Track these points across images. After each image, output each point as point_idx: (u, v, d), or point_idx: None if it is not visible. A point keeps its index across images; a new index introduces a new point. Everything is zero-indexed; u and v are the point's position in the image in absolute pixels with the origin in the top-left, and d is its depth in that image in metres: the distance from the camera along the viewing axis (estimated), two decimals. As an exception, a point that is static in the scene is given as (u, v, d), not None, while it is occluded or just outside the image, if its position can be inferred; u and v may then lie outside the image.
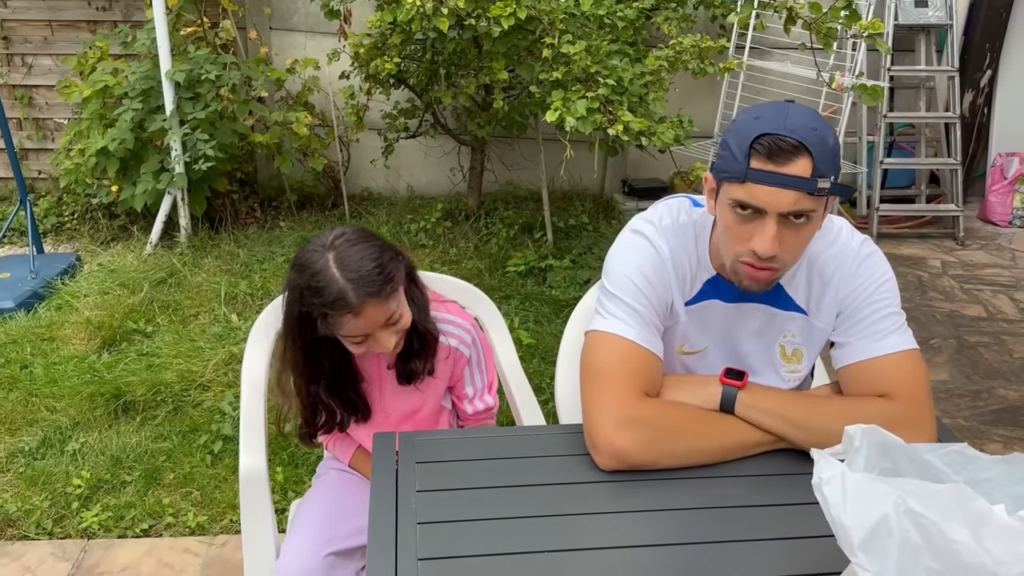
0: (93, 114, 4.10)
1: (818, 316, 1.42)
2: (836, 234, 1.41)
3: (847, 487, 0.96)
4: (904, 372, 1.35)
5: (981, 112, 5.05)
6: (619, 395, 1.31)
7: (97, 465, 2.61)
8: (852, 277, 1.39)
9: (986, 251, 4.57)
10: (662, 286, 1.40)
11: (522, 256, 4.05)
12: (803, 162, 1.19)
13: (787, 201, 1.21)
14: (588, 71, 3.20)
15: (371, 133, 4.44)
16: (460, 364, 1.64)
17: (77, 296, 3.60)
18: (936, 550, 0.89)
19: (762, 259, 1.26)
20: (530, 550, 1.13)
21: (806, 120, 1.21)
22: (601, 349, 1.37)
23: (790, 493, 1.25)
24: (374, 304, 1.38)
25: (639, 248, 1.42)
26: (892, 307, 1.39)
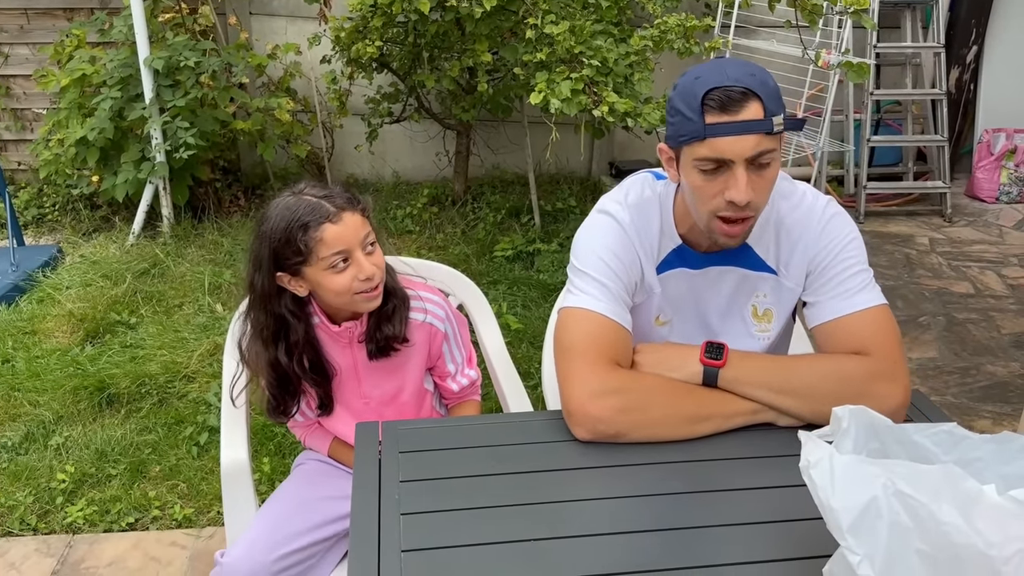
0: (72, 103, 4.04)
1: (787, 276, 1.45)
2: (800, 196, 1.45)
3: (835, 469, 0.94)
4: (877, 328, 1.37)
5: (967, 88, 5.03)
6: (591, 365, 1.33)
7: (81, 459, 2.58)
8: (819, 237, 1.42)
9: (973, 227, 4.56)
10: (630, 262, 1.43)
11: (509, 240, 4.02)
12: (754, 106, 1.24)
13: (749, 145, 1.25)
14: (572, 52, 3.16)
15: (355, 119, 4.39)
16: (437, 340, 1.63)
17: (59, 288, 3.56)
18: (926, 532, 0.87)
19: (739, 207, 1.28)
20: (516, 539, 1.11)
21: (743, 69, 1.27)
22: (572, 324, 1.39)
23: (778, 475, 1.23)
24: (351, 213, 1.44)
25: (605, 227, 1.44)
26: (860, 265, 1.41)
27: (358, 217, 1.46)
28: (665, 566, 1.07)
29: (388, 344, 1.56)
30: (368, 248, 1.46)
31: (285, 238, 1.41)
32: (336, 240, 1.41)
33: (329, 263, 1.42)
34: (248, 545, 1.48)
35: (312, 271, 1.44)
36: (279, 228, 1.42)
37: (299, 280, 1.47)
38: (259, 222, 1.47)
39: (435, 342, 1.63)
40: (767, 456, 1.29)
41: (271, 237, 1.43)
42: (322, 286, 1.45)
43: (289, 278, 1.47)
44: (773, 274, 1.46)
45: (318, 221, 1.40)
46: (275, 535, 1.48)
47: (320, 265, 1.43)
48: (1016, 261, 4.11)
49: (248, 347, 1.55)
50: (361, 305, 1.50)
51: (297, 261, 1.43)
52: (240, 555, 1.46)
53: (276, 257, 1.44)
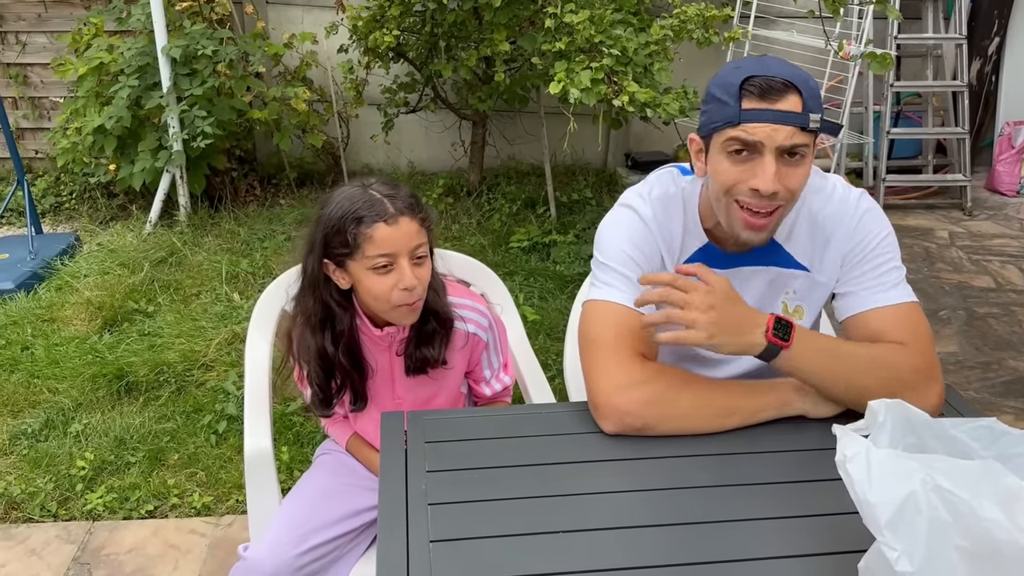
0: (89, 92, 4.04)
1: (820, 271, 1.44)
2: (832, 190, 1.43)
3: (872, 464, 0.93)
4: (912, 323, 1.35)
5: (989, 80, 4.98)
6: (616, 357, 1.32)
7: (101, 446, 2.59)
8: (854, 231, 1.40)
9: (994, 221, 4.52)
10: (652, 255, 1.42)
11: (525, 232, 4.01)
12: (793, 98, 1.24)
13: (783, 135, 1.24)
14: (592, 41, 3.14)
15: (371, 108, 4.38)
16: (478, 350, 1.62)
17: (77, 276, 3.57)
18: (966, 528, 0.86)
19: (764, 197, 1.26)
20: (542, 530, 1.10)
21: (788, 66, 1.27)
22: (596, 317, 1.38)
23: (810, 469, 1.22)
24: (409, 220, 1.41)
25: (628, 221, 1.44)
26: (895, 261, 1.40)
27: (415, 225, 1.42)
28: (694, 559, 1.06)
29: (425, 364, 1.55)
30: (417, 259, 1.43)
31: (338, 227, 1.40)
32: (385, 241, 1.39)
33: (373, 263, 1.40)
34: (272, 542, 1.47)
35: (355, 266, 1.42)
36: (335, 216, 1.41)
37: (342, 272, 1.45)
38: (320, 205, 1.46)
39: (476, 351, 1.62)
40: (798, 450, 1.28)
41: (326, 222, 1.42)
42: (362, 284, 1.44)
43: (334, 267, 1.45)
44: (805, 271, 1.44)
45: (373, 218, 1.38)
46: (298, 530, 1.47)
47: (364, 263, 1.41)
48: (1037, 255, 4.07)
49: (296, 334, 1.53)
50: (397, 317, 1.47)
51: (343, 252, 1.42)
52: (264, 553, 1.45)
53: (326, 243, 1.43)
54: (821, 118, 1.25)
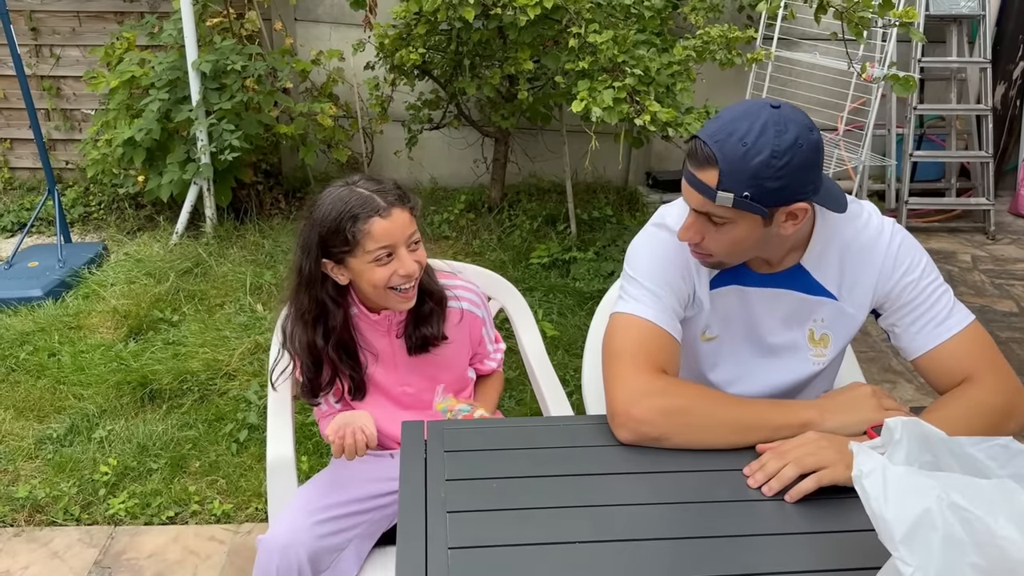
0: (120, 104, 4.13)
1: (850, 302, 1.44)
2: (867, 219, 1.43)
3: (888, 480, 0.94)
4: (980, 347, 1.39)
5: (1013, 104, 4.96)
6: (637, 369, 1.34)
7: (124, 452, 2.63)
8: (894, 266, 1.40)
9: (1017, 246, 4.49)
10: (683, 275, 1.43)
11: (545, 248, 4.03)
12: (710, 173, 1.27)
13: (696, 201, 1.31)
14: (615, 61, 3.17)
15: (395, 124, 4.43)
16: (477, 327, 1.68)
17: (104, 285, 3.63)
18: (981, 546, 0.87)
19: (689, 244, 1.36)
20: (559, 540, 1.12)
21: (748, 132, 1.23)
22: (620, 330, 1.40)
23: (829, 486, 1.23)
24: (400, 210, 1.48)
25: (660, 240, 1.46)
26: (942, 286, 1.41)
27: (407, 214, 1.50)
28: (709, 573, 1.07)
29: (426, 343, 1.61)
30: (412, 246, 1.51)
31: (335, 227, 1.46)
32: (384, 235, 1.46)
33: (374, 256, 1.46)
34: (287, 517, 1.53)
35: (356, 262, 1.48)
36: (330, 217, 1.46)
37: (342, 269, 1.52)
38: (311, 208, 1.52)
39: (475, 328, 1.68)
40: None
41: (321, 224, 1.47)
42: (363, 277, 1.50)
43: (333, 266, 1.51)
44: (833, 299, 1.44)
45: (368, 214, 1.45)
46: (315, 503, 1.53)
47: (365, 257, 1.47)
48: (1061, 280, 4.04)
49: (290, 329, 1.60)
50: (394, 303, 1.54)
51: (343, 251, 1.48)
52: (280, 527, 1.51)
53: (324, 244, 1.48)
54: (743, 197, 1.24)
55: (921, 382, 3.13)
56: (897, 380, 3.15)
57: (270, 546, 1.48)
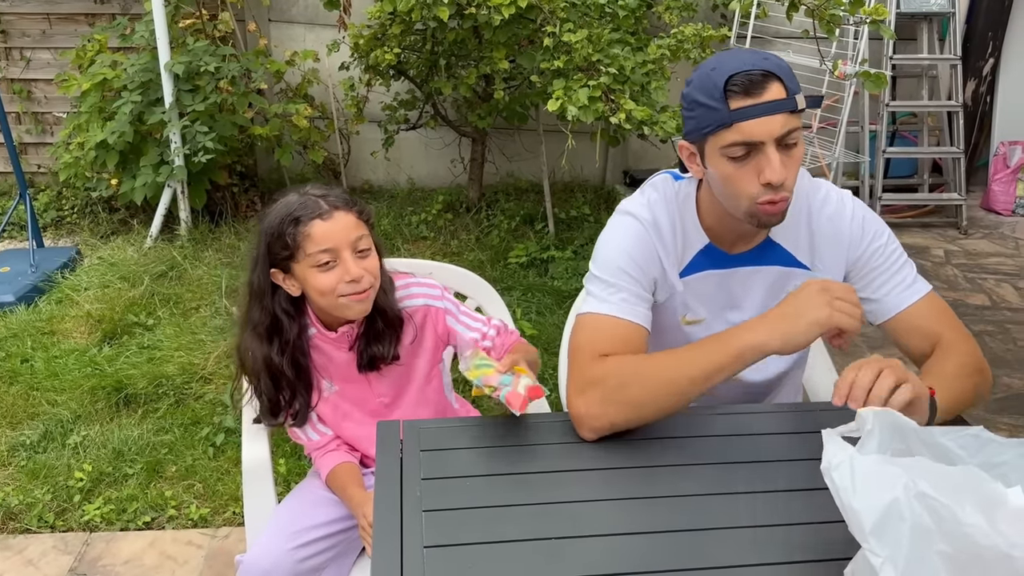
0: (92, 107, 4.08)
1: (823, 270, 1.47)
2: (827, 193, 1.47)
3: (856, 471, 0.94)
4: (942, 310, 1.44)
5: (984, 100, 5.02)
6: (578, 365, 1.35)
7: (99, 458, 2.60)
8: (860, 235, 1.45)
9: (989, 240, 4.55)
10: (648, 260, 1.43)
11: (524, 247, 4.03)
12: (776, 86, 1.25)
13: (778, 125, 1.26)
14: (590, 60, 3.18)
15: (371, 125, 4.42)
16: (440, 319, 1.60)
17: (77, 290, 3.59)
18: (948, 533, 0.87)
19: (777, 188, 1.29)
20: (535, 537, 1.12)
21: (756, 54, 1.28)
22: (576, 331, 1.41)
23: (798, 478, 1.24)
24: (344, 213, 1.44)
25: (623, 228, 1.46)
26: (904, 255, 1.47)
27: (351, 217, 1.45)
28: (682, 566, 1.07)
29: (375, 361, 1.56)
30: (360, 251, 1.46)
31: (278, 231, 1.43)
32: (324, 237, 1.42)
33: (316, 260, 1.42)
34: (266, 540, 1.50)
35: (300, 268, 1.44)
36: (274, 223, 1.44)
37: (290, 278, 1.48)
38: (260, 218, 1.49)
39: (439, 322, 1.60)
40: (786, 460, 1.29)
41: (267, 232, 1.45)
42: (309, 284, 1.45)
43: (283, 276, 1.48)
44: (806, 269, 1.47)
45: (308, 216, 1.42)
46: (293, 526, 1.50)
47: (307, 262, 1.43)
48: (1032, 274, 4.09)
49: (244, 345, 1.55)
50: (348, 311, 1.48)
51: (286, 256, 1.44)
52: (260, 550, 1.48)
53: (270, 252, 1.45)
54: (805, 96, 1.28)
55: (896, 376, 3.16)
56: (872, 374, 3.18)
57: (250, 569, 1.46)
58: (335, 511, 1.57)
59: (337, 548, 1.55)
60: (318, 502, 1.59)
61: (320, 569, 1.54)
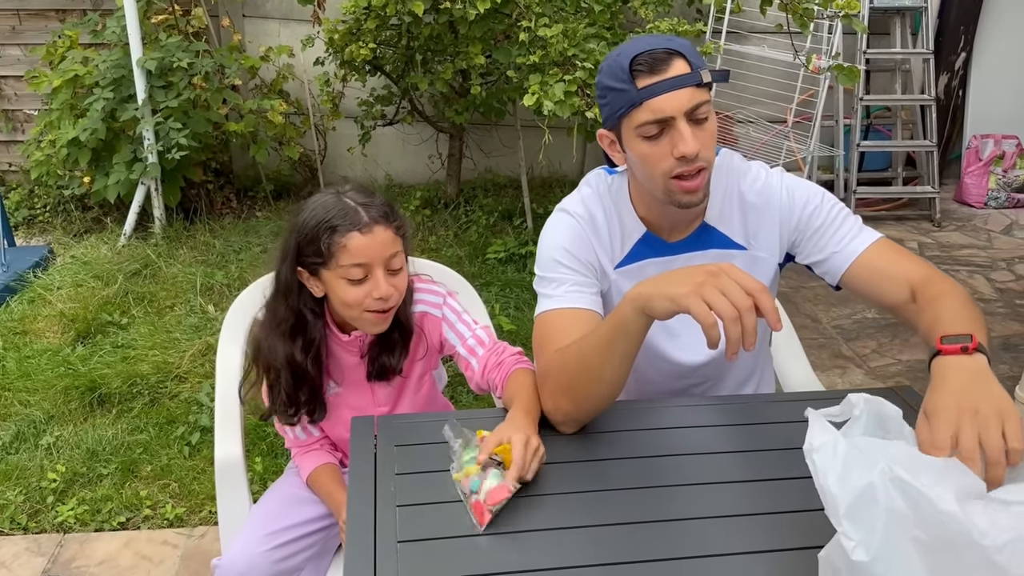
0: (63, 104, 4.03)
1: (758, 248, 1.49)
2: (756, 173, 1.50)
3: (837, 454, 0.94)
4: (901, 251, 1.43)
5: (956, 94, 5.08)
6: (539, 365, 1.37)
7: (72, 459, 2.57)
8: (790, 203, 1.47)
9: (962, 232, 4.60)
10: (584, 251, 1.45)
11: (502, 243, 4.03)
12: (679, 62, 1.29)
13: (684, 98, 1.28)
14: (565, 55, 3.18)
15: (347, 121, 4.39)
16: (436, 329, 1.57)
17: (50, 289, 3.55)
18: (922, 519, 0.87)
19: (690, 160, 1.31)
20: (508, 530, 1.11)
21: (659, 37, 1.32)
22: (535, 334, 1.43)
23: (781, 467, 1.25)
24: (383, 228, 1.39)
25: (558, 224, 1.48)
26: (845, 210, 1.48)
27: (390, 233, 1.40)
28: (662, 556, 1.07)
29: (384, 372, 1.54)
30: (392, 268, 1.42)
31: (312, 236, 1.39)
32: (359, 251, 1.37)
33: (347, 273, 1.38)
34: (242, 543, 1.48)
35: (329, 275, 1.41)
36: (309, 224, 1.39)
37: (316, 280, 1.44)
38: (295, 212, 1.45)
39: (434, 331, 1.57)
40: (763, 449, 1.30)
41: (300, 231, 1.41)
42: (335, 292, 1.42)
43: (308, 275, 1.44)
44: (743, 249, 1.49)
45: (347, 227, 1.37)
46: (269, 527, 1.48)
47: (337, 272, 1.39)
48: (1004, 265, 4.15)
49: (264, 341, 1.51)
50: (367, 325, 1.46)
51: (317, 262, 1.40)
52: (236, 552, 1.46)
53: (299, 252, 1.42)
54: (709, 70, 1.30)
55: (872, 366, 3.19)
56: (847, 366, 3.21)
57: (226, 571, 1.44)
58: (312, 510, 1.55)
59: (315, 547, 1.54)
60: (295, 501, 1.58)
61: (299, 569, 1.52)
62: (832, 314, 3.60)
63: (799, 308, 3.63)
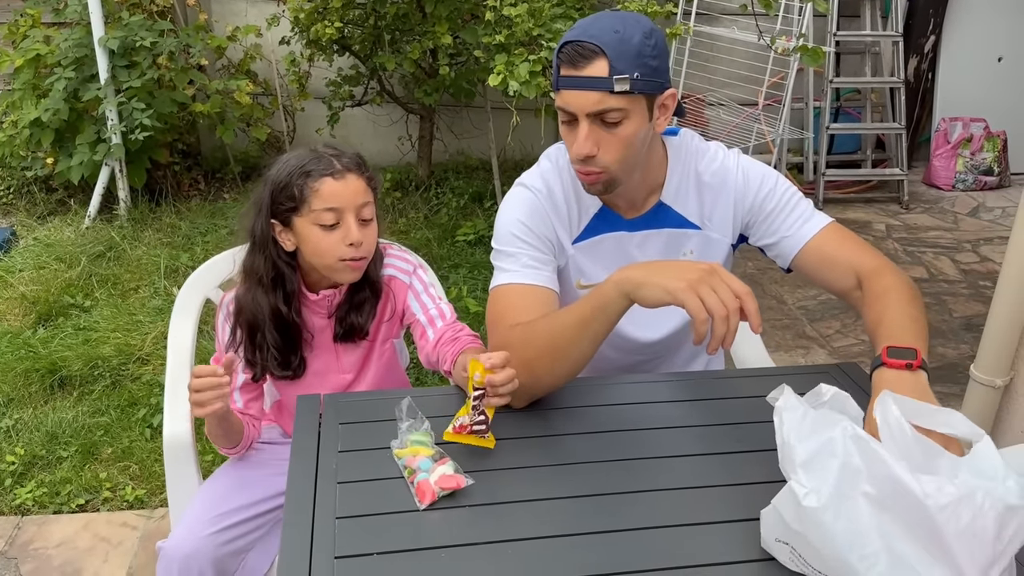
0: (25, 84, 3.96)
1: (712, 228, 1.50)
2: (714, 153, 1.50)
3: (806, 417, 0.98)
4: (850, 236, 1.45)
5: (925, 77, 5.10)
6: (492, 338, 1.38)
7: (32, 441, 2.54)
8: (745, 185, 1.48)
9: (929, 214, 4.64)
10: (542, 225, 1.45)
11: (472, 225, 4.02)
12: (600, 63, 1.26)
13: (590, 101, 1.27)
14: (531, 34, 3.16)
15: (316, 102, 4.35)
16: (402, 294, 1.59)
17: (12, 271, 3.50)
18: (876, 476, 0.90)
19: (582, 161, 1.32)
20: (450, 505, 1.11)
21: (612, 24, 1.27)
22: (490, 305, 1.44)
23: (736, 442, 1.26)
24: (355, 177, 1.44)
25: (516, 198, 1.48)
26: (798, 194, 1.49)
27: (362, 183, 1.46)
28: (611, 528, 1.08)
29: (352, 332, 1.56)
30: (363, 217, 1.46)
31: (286, 182, 1.43)
32: (332, 195, 1.41)
33: (319, 218, 1.42)
34: (186, 526, 1.45)
35: (301, 222, 1.44)
36: (283, 172, 1.44)
37: (289, 233, 1.47)
38: (268, 168, 1.49)
39: (399, 295, 1.58)
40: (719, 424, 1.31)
41: (274, 182, 1.45)
42: (308, 241, 1.45)
43: (280, 228, 1.47)
44: (697, 229, 1.50)
45: (320, 172, 1.42)
46: (213, 511, 1.46)
47: (310, 217, 1.42)
48: (969, 247, 4.19)
49: (246, 298, 1.51)
50: (342, 274, 1.48)
51: (290, 207, 1.43)
52: (180, 535, 1.43)
53: (273, 200, 1.45)
54: (635, 78, 1.26)
55: (835, 346, 3.22)
56: (811, 346, 3.24)
57: (171, 555, 1.41)
58: (258, 491, 1.54)
59: (262, 529, 1.53)
60: (242, 483, 1.55)
61: (244, 551, 1.50)
62: (797, 295, 3.62)
63: (765, 289, 3.65)
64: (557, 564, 1.01)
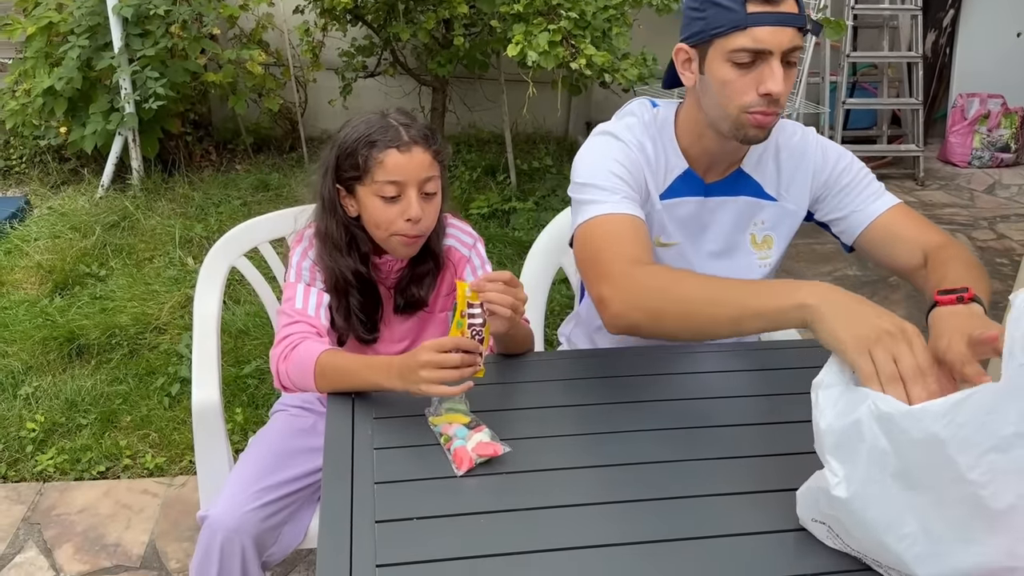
0: (38, 52, 3.94)
1: (789, 200, 1.51)
2: (792, 129, 1.52)
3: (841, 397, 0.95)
4: (917, 217, 1.47)
5: (943, 52, 5.05)
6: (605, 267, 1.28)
7: (51, 409, 2.55)
8: (824, 159, 1.49)
9: (945, 191, 4.61)
10: (636, 172, 1.41)
11: (485, 199, 4.00)
12: (791, 0, 1.26)
13: (787, 38, 1.26)
14: (550, 4, 3.12)
15: (328, 73, 4.32)
16: (462, 267, 1.57)
17: (27, 240, 3.50)
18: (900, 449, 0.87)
19: (772, 101, 1.29)
20: (487, 472, 1.12)
21: None
22: (588, 238, 1.34)
23: (795, 411, 1.25)
24: (421, 150, 1.41)
25: (608, 144, 1.43)
26: (870, 174, 1.51)
27: (428, 156, 1.41)
28: (651, 496, 1.08)
29: (412, 304, 1.55)
30: (426, 192, 1.42)
31: (351, 149, 1.41)
32: (395, 169, 1.39)
33: (380, 190, 1.40)
34: (230, 498, 1.42)
35: (364, 191, 1.43)
36: (350, 138, 1.42)
37: (352, 199, 1.46)
38: (339, 129, 1.47)
39: (459, 267, 1.57)
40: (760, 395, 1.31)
41: (341, 146, 1.44)
42: (368, 211, 1.44)
43: (344, 193, 1.46)
44: (773, 201, 1.50)
45: (385, 143, 1.39)
46: (261, 482, 1.44)
47: (372, 188, 1.41)
48: (986, 224, 4.17)
49: (329, 260, 1.48)
50: (396, 247, 1.46)
51: (353, 175, 1.42)
52: (224, 509, 1.41)
53: (338, 166, 1.44)
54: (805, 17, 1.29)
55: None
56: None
57: (214, 528, 1.39)
58: (305, 464, 1.51)
59: (297, 503, 1.52)
60: (288, 453, 1.53)
61: (281, 526, 1.49)
62: (814, 271, 3.61)
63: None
64: (594, 531, 1.02)
